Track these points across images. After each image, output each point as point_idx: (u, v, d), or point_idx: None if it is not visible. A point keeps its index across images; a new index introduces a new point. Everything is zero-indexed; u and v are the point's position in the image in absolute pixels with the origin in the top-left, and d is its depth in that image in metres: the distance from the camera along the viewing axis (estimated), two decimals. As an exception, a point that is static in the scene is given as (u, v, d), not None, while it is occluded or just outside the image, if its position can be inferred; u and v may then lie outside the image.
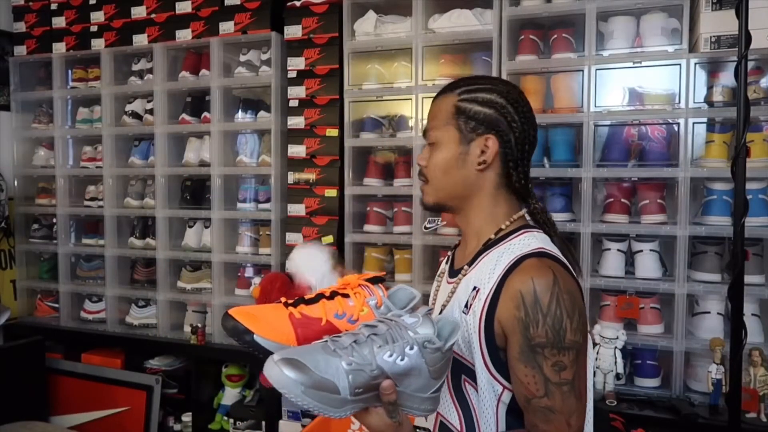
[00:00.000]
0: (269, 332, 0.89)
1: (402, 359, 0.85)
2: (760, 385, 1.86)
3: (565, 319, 0.95)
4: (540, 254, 1.01)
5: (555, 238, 1.10)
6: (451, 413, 1.07)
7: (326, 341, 0.86)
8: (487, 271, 1.04)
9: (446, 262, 1.24)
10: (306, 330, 0.93)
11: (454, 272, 1.15)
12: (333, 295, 0.99)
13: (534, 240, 1.05)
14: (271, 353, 0.85)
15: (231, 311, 0.92)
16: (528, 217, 1.13)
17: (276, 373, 0.81)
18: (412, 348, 0.86)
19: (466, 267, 1.10)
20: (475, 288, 1.04)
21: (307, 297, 0.98)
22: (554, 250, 1.04)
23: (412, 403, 0.89)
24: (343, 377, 0.82)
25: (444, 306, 1.12)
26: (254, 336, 0.88)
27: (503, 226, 1.09)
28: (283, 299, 0.98)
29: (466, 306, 1.04)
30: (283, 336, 0.91)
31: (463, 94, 1.09)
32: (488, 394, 1.01)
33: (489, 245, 1.08)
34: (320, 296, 0.98)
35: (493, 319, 0.99)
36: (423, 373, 0.88)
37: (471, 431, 1.04)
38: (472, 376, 1.03)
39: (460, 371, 1.05)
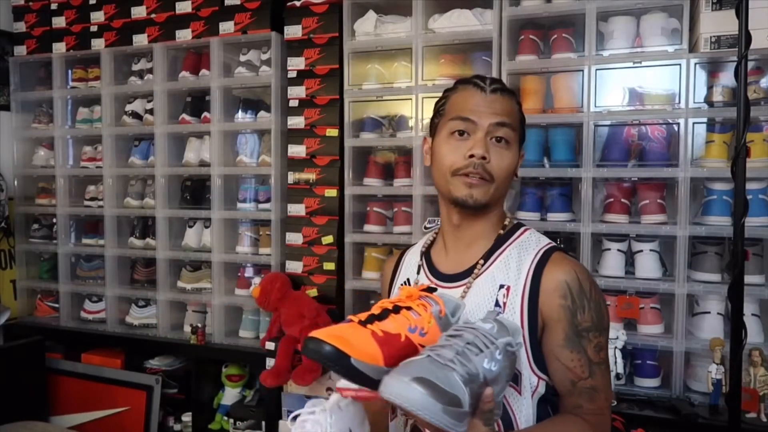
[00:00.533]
0: (362, 354, 0.85)
1: (495, 365, 0.86)
2: (760, 385, 1.86)
3: (602, 304, 1.04)
4: (557, 248, 1.10)
5: None
6: None
7: (430, 356, 0.84)
8: (512, 268, 1.08)
9: (418, 271, 1.21)
10: (390, 348, 0.89)
11: (449, 276, 1.14)
12: (397, 309, 0.96)
13: (539, 235, 1.14)
14: (367, 375, 0.83)
15: (319, 335, 0.86)
16: None
17: (413, 395, 0.77)
18: (500, 353, 0.87)
19: (480, 264, 1.11)
20: (503, 286, 1.07)
21: (375, 312, 0.94)
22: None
23: (496, 409, 0.89)
24: (463, 390, 0.81)
25: None
26: (351, 360, 0.84)
27: (506, 223, 1.17)
28: (352, 318, 0.93)
29: (497, 305, 1.06)
30: (372, 356, 0.87)
31: (519, 104, 1.15)
32: (527, 390, 1.04)
33: (499, 242, 1.13)
34: (387, 311, 0.95)
35: (536, 313, 1.03)
36: (503, 377, 0.90)
37: (506, 425, 1.04)
38: (515, 378, 1.04)
39: None
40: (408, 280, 1.22)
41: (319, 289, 2.49)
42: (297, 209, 2.53)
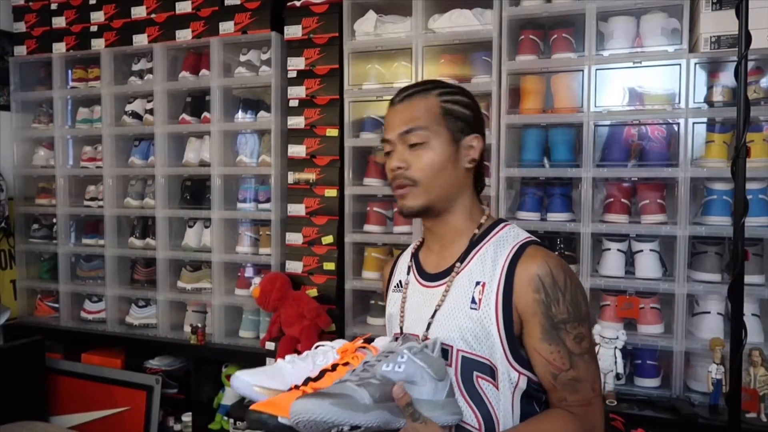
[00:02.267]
0: (287, 411, 0.93)
1: (399, 367, 0.94)
2: (760, 385, 1.86)
3: (578, 293, 1.03)
4: (534, 242, 1.08)
5: None
6: (466, 414, 1.06)
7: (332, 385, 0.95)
8: (487, 265, 1.07)
9: (408, 272, 1.23)
10: None
11: (432, 276, 1.16)
12: (335, 367, 1.04)
13: (519, 230, 1.12)
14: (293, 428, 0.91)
15: (253, 407, 0.97)
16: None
17: (302, 407, 0.86)
18: (402, 357, 0.95)
19: (458, 265, 1.11)
20: (478, 283, 1.07)
21: (311, 376, 1.03)
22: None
23: (434, 411, 0.94)
24: (358, 390, 0.90)
25: (438, 307, 1.11)
26: (278, 418, 0.93)
27: (482, 221, 1.15)
28: (292, 385, 1.03)
29: (473, 302, 1.06)
30: None
31: (444, 96, 1.12)
32: (506, 385, 1.04)
33: (476, 241, 1.12)
34: (324, 372, 1.03)
35: (510, 308, 1.03)
36: (426, 377, 0.95)
37: (490, 426, 1.05)
38: (485, 371, 1.05)
39: (471, 369, 1.06)
40: (400, 282, 1.25)
41: (319, 289, 2.49)
42: (297, 209, 2.53)
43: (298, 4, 2.52)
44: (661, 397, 2.00)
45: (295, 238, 2.53)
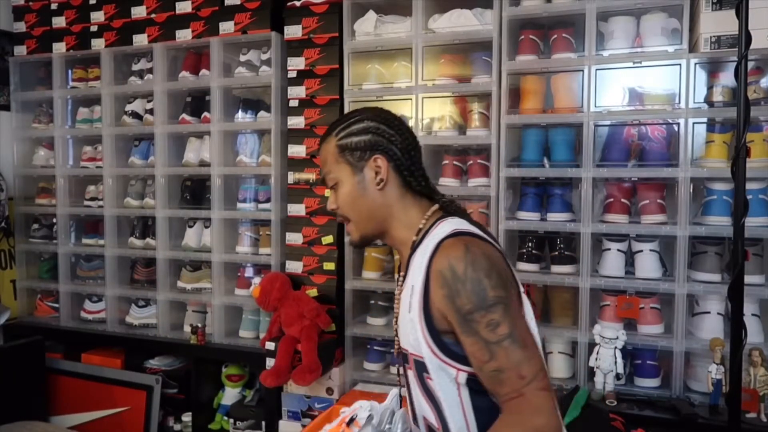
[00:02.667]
0: None
1: None
2: (760, 385, 1.86)
3: (483, 279, 1.00)
4: (454, 234, 1.08)
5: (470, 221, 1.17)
6: (426, 411, 1.12)
7: None
8: (417, 268, 1.10)
9: (399, 271, 1.28)
10: None
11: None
12: None
13: (448, 225, 1.12)
14: None
15: None
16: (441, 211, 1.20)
17: None
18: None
19: (402, 274, 1.19)
20: (413, 287, 1.10)
21: None
22: (470, 228, 1.10)
23: None
24: None
25: (396, 315, 1.19)
26: None
27: (421, 226, 1.17)
28: None
29: (410, 306, 1.09)
30: None
31: (340, 133, 1.20)
32: (445, 380, 1.07)
33: (415, 247, 1.15)
34: None
35: (429, 307, 1.05)
36: None
37: (443, 421, 1.09)
38: (427, 370, 1.08)
39: (421, 370, 1.10)
40: (398, 275, 1.29)
41: (319, 289, 2.49)
42: (297, 209, 2.53)
43: (298, 4, 2.52)
44: (661, 397, 2.00)
45: (295, 238, 2.53)
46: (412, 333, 1.09)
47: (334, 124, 1.23)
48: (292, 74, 2.54)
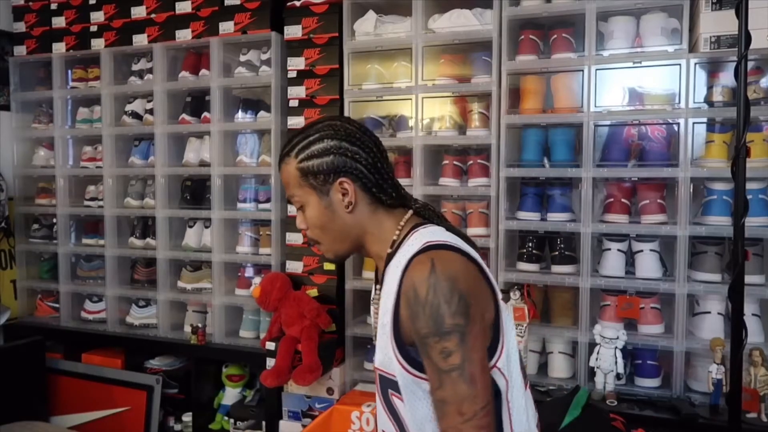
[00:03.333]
0: None
1: None
2: (760, 385, 1.86)
3: (442, 305, 0.95)
4: (425, 249, 1.02)
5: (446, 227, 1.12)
6: (388, 427, 1.10)
7: None
8: (391, 283, 1.06)
9: (375, 282, 1.25)
10: None
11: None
12: None
13: (421, 236, 1.06)
14: None
15: None
16: (417, 218, 1.15)
17: None
18: None
19: (377, 288, 1.16)
20: (386, 302, 1.06)
21: None
22: (442, 238, 1.04)
23: None
24: None
25: (375, 328, 1.16)
26: None
27: (395, 237, 1.12)
28: None
29: (383, 321, 1.06)
30: None
31: (299, 154, 1.12)
32: (418, 396, 1.02)
33: (389, 260, 1.10)
34: None
35: (399, 323, 1.02)
36: None
37: None
38: (394, 387, 1.05)
39: (387, 387, 1.08)
40: (375, 287, 1.25)
41: (319, 289, 2.49)
42: (297, 209, 2.53)
43: (298, 4, 2.52)
44: (661, 397, 2.00)
45: (295, 238, 2.53)
46: (383, 349, 1.06)
47: (293, 143, 1.14)
48: (292, 74, 2.54)
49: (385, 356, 1.05)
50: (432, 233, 1.07)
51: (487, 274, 1.04)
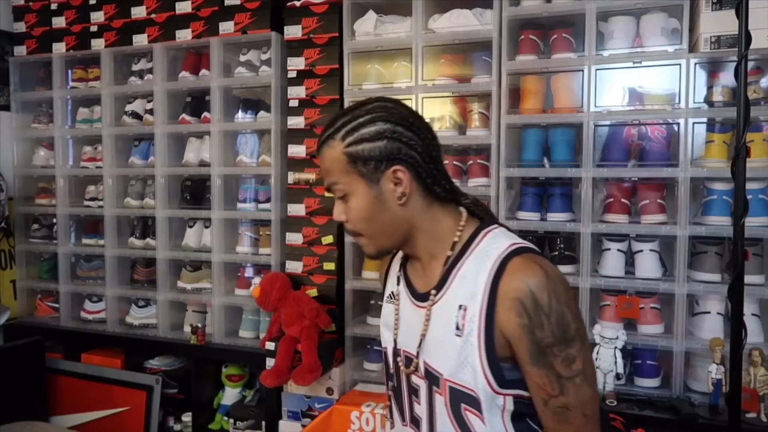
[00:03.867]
0: None
1: None
2: (760, 385, 1.86)
3: (565, 311, 0.93)
4: (517, 251, 0.97)
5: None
6: None
7: None
8: (468, 285, 0.99)
9: (398, 282, 1.16)
10: None
11: (419, 295, 1.09)
12: None
13: (500, 238, 1.02)
14: None
15: None
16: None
17: None
18: None
19: (433, 292, 1.04)
20: (461, 306, 0.99)
21: None
22: (523, 241, 1.01)
23: None
24: None
25: (423, 334, 1.05)
26: None
27: (456, 239, 1.04)
28: None
29: (457, 328, 0.99)
30: None
31: (347, 137, 1.01)
32: (495, 412, 0.98)
33: (453, 263, 1.03)
34: None
35: (492, 333, 0.95)
36: None
37: None
38: (471, 403, 0.98)
39: (459, 400, 1.00)
40: (392, 293, 1.17)
41: (319, 289, 2.49)
42: (297, 209, 2.53)
43: (298, 4, 2.52)
44: (661, 397, 2.00)
45: (295, 238, 2.53)
46: (454, 359, 0.98)
47: (338, 124, 1.03)
48: (292, 74, 2.54)
49: (463, 369, 0.98)
50: (508, 235, 1.03)
51: None
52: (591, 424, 0.96)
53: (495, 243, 1.00)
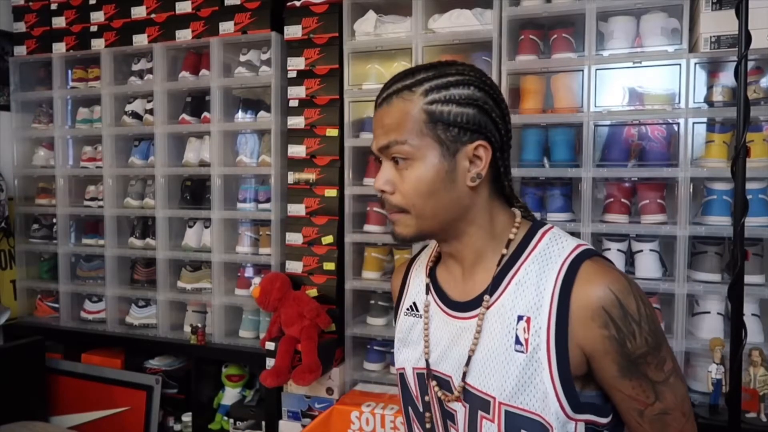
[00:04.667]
0: None
1: None
2: (760, 385, 1.86)
3: (653, 315, 0.85)
4: (585, 254, 0.87)
5: None
6: None
7: None
8: (529, 292, 0.87)
9: (427, 291, 1.01)
10: None
11: (458, 304, 0.95)
12: None
13: (562, 239, 0.90)
14: None
15: None
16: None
17: None
18: None
19: (487, 297, 0.90)
20: (521, 317, 0.86)
21: None
22: (587, 244, 0.91)
23: None
24: None
25: (472, 352, 0.90)
26: None
27: (512, 236, 0.93)
28: None
29: (518, 342, 0.86)
30: None
31: (431, 94, 0.88)
32: None
33: (508, 262, 0.91)
34: None
35: (566, 347, 0.84)
36: None
37: None
38: (535, 429, 0.85)
39: (518, 426, 0.86)
40: (415, 304, 1.03)
41: (319, 289, 2.49)
42: (297, 209, 2.53)
43: (298, 4, 2.52)
44: (661, 397, 2.00)
45: (295, 238, 2.53)
46: (515, 378, 0.85)
47: (420, 76, 0.90)
48: (292, 74, 2.54)
49: (526, 390, 0.84)
50: (568, 237, 0.92)
51: None
52: (690, 422, 0.88)
53: (557, 245, 0.89)
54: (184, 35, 2.73)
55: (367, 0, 2.45)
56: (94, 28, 2.92)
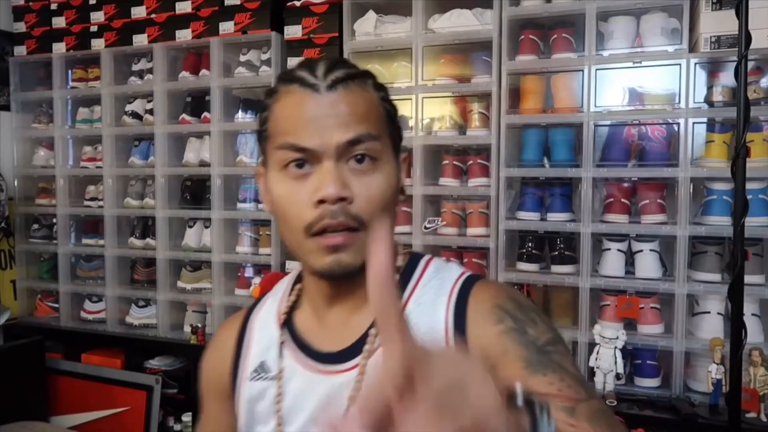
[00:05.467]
0: None
1: None
2: (760, 385, 1.86)
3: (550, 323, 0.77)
4: (475, 277, 0.79)
5: None
6: None
7: None
8: (423, 323, 0.74)
9: (281, 352, 0.83)
10: None
11: (333, 355, 0.77)
12: None
13: (447, 265, 0.82)
14: None
15: None
16: None
17: None
18: None
19: (373, 332, 0.75)
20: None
21: None
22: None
23: None
24: None
25: (354, 396, 0.75)
26: None
27: (399, 264, 0.81)
28: None
29: None
30: None
31: (381, 90, 0.79)
32: None
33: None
34: None
35: None
36: None
37: None
38: None
39: None
40: (263, 363, 0.84)
41: (319, 289, 2.49)
42: (297, 209, 2.52)
43: (298, 4, 2.52)
44: (661, 397, 2.00)
45: (295, 238, 2.53)
46: None
47: (364, 69, 0.80)
48: (292, 74, 2.53)
49: None
50: (453, 264, 0.83)
51: None
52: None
53: (445, 272, 0.79)
54: (184, 35, 2.73)
55: (367, 0, 2.45)
56: (94, 28, 2.92)
